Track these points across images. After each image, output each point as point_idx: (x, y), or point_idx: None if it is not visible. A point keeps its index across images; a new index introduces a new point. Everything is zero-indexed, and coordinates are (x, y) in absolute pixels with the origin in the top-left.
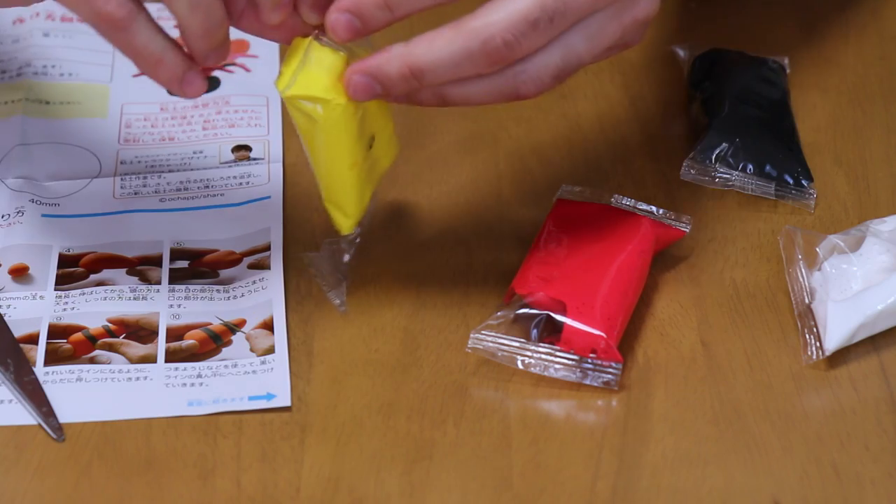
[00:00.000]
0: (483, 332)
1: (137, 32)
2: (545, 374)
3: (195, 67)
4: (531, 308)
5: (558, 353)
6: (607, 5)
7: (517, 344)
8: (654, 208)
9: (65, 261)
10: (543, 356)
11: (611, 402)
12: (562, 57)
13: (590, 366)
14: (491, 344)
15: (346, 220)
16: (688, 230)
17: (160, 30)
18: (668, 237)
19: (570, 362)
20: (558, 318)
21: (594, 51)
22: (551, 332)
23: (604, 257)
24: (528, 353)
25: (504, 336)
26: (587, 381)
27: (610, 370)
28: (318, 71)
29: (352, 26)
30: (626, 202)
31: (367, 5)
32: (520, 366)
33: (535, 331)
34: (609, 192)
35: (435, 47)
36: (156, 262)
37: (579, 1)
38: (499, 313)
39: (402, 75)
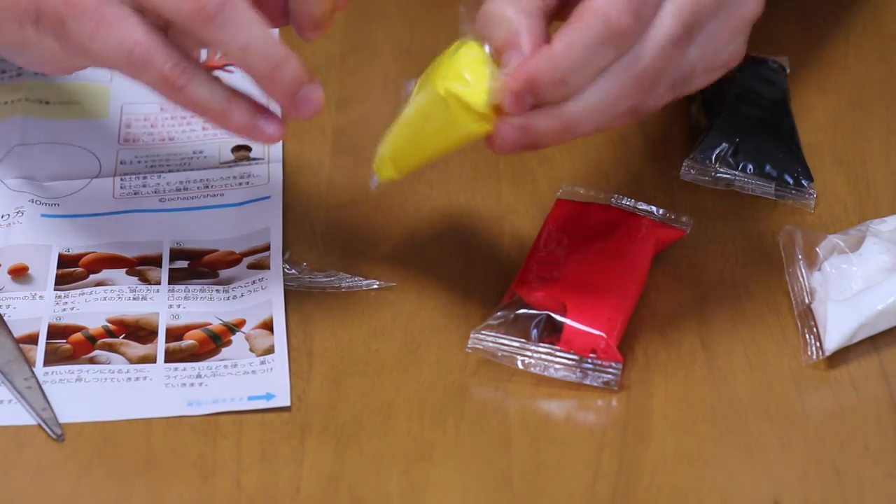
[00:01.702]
0: (483, 332)
1: (196, 90)
2: (545, 374)
3: (265, 112)
4: (531, 308)
5: (558, 353)
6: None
7: (517, 344)
8: (654, 208)
9: (64, 261)
10: (543, 356)
11: (611, 402)
12: (673, 19)
13: (590, 366)
14: (491, 344)
15: (391, 172)
16: (688, 230)
17: (219, 82)
18: (668, 237)
19: (570, 362)
20: (558, 318)
21: (707, 57)
22: (551, 332)
23: (604, 257)
24: (528, 353)
25: (504, 336)
26: (587, 381)
27: (610, 370)
28: (477, 77)
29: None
30: (626, 202)
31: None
32: (520, 366)
33: (535, 331)
34: (609, 192)
35: (586, 105)
36: (155, 262)
37: None
38: (499, 313)
39: (554, 130)
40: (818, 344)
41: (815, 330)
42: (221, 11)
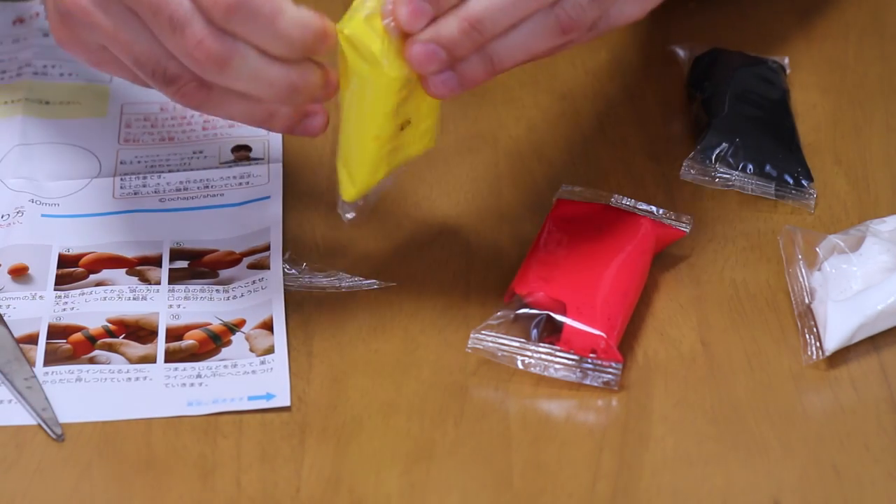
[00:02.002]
0: (483, 332)
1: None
2: (545, 374)
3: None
4: (531, 308)
5: (558, 353)
6: None
7: (517, 344)
8: (654, 208)
9: (64, 261)
10: (543, 356)
11: (611, 402)
12: None
13: (590, 366)
14: (491, 344)
15: (350, 188)
16: (688, 230)
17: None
18: (668, 237)
19: (570, 362)
20: (558, 318)
21: None
22: (551, 332)
23: (604, 257)
24: (528, 353)
25: (504, 336)
26: (587, 381)
27: (610, 370)
28: (379, 23)
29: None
30: (626, 202)
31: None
32: (520, 366)
33: (535, 331)
34: (609, 192)
35: None
36: (155, 262)
37: None
38: (499, 313)
39: (463, 30)
40: (818, 344)
41: (815, 330)
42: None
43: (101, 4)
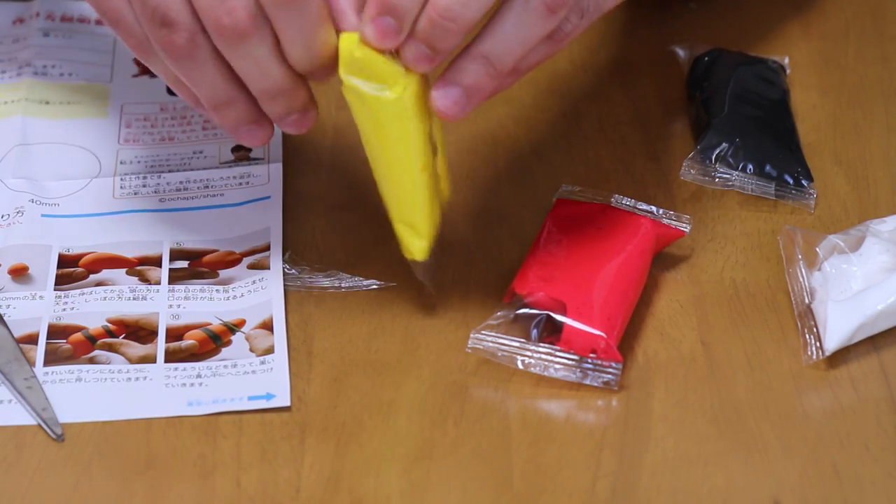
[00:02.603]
0: (483, 332)
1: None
2: (545, 374)
3: (261, 120)
4: (531, 308)
5: (558, 353)
6: None
7: (517, 344)
8: (654, 208)
9: (64, 261)
10: (543, 356)
11: (611, 402)
12: None
13: (590, 366)
14: (491, 344)
15: (419, 242)
16: (688, 230)
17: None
18: (668, 237)
19: (570, 362)
20: (558, 318)
21: None
22: (551, 332)
23: (604, 257)
24: (528, 353)
25: (504, 336)
26: (587, 381)
27: (610, 370)
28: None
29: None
30: (626, 202)
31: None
32: (520, 366)
33: (535, 331)
34: (609, 192)
35: None
36: (155, 262)
37: None
38: (499, 313)
39: (432, 21)
40: (818, 344)
41: (815, 330)
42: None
43: None
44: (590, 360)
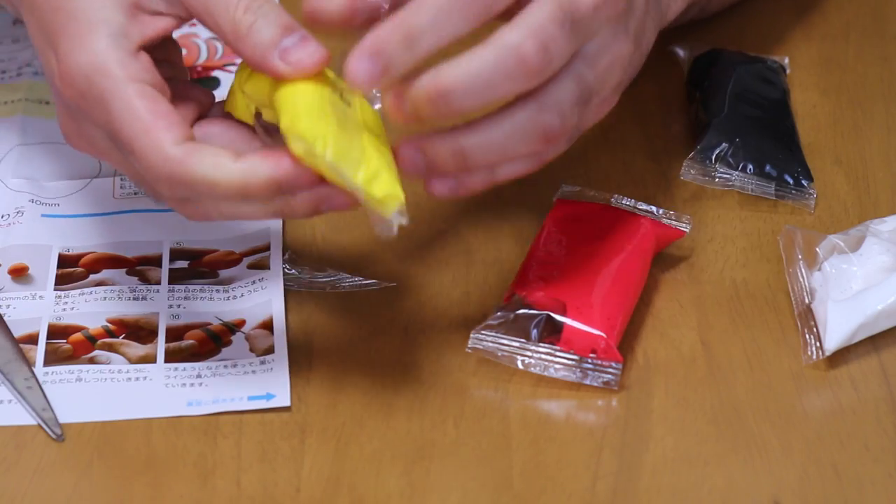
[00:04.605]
0: (483, 332)
1: None
2: (545, 374)
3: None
4: (531, 308)
5: (558, 353)
6: (610, 19)
7: (517, 344)
8: (654, 208)
9: (64, 261)
10: (543, 356)
11: (611, 402)
12: (576, 83)
13: (590, 366)
14: (491, 344)
15: (395, 183)
16: (688, 230)
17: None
18: (668, 237)
19: (570, 362)
20: (558, 318)
21: (601, 73)
22: (551, 332)
23: (604, 257)
24: (528, 354)
25: (504, 336)
26: (587, 382)
27: (610, 370)
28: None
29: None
30: (626, 202)
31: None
32: (520, 366)
33: (535, 331)
34: (609, 192)
35: (464, 65)
36: (155, 262)
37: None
38: (499, 313)
39: (429, 97)
40: (818, 344)
41: (815, 330)
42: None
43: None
44: (590, 360)
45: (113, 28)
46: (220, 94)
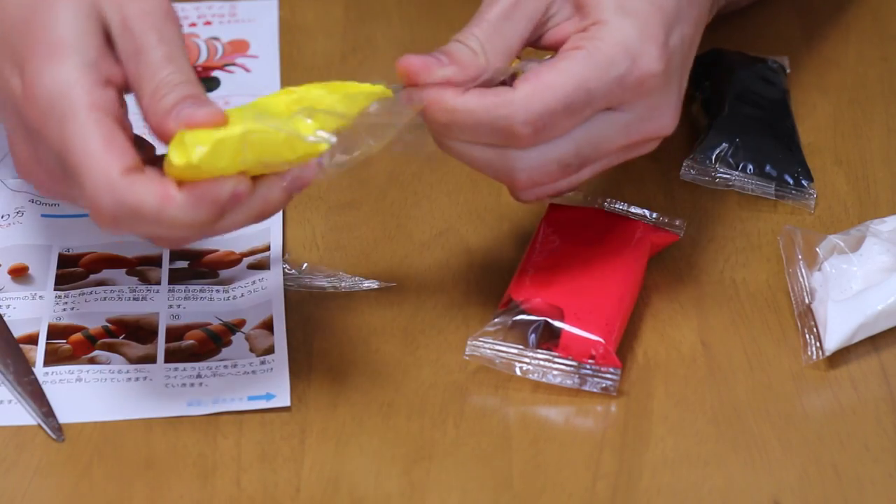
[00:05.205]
0: (480, 339)
1: None
2: (543, 380)
3: None
4: (528, 314)
5: (556, 360)
6: (629, 109)
7: (515, 351)
8: (646, 212)
9: (64, 261)
10: (542, 362)
11: (611, 402)
12: (562, 152)
13: (588, 371)
14: (489, 351)
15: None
16: (681, 234)
17: None
18: (661, 241)
19: (568, 368)
20: (556, 324)
21: (594, 155)
22: (549, 338)
23: (600, 262)
24: (527, 360)
25: (502, 343)
26: (586, 388)
27: (608, 376)
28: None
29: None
30: (619, 206)
31: None
32: (518, 373)
33: (532, 336)
34: (601, 197)
35: (466, 102)
36: (155, 262)
37: (601, 102)
38: (496, 319)
39: (429, 106)
40: (818, 344)
41: (815, 330)
42: None
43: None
44: (588, 366)
45: (85, 58)
46: (220, 93)
